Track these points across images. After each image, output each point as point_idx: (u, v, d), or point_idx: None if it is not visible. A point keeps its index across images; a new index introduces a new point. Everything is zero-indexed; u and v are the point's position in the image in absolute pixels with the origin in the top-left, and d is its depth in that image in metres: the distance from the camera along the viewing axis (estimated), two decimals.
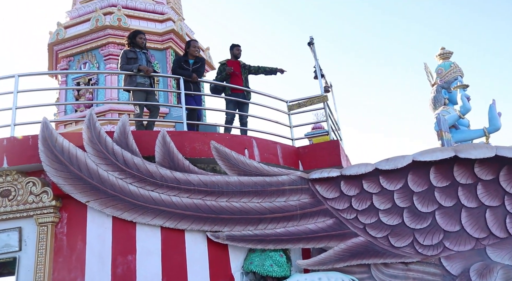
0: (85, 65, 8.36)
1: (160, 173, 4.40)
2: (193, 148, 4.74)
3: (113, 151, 4.37)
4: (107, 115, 7.42)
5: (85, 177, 4.30)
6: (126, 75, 5.48)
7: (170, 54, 8.40)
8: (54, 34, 8.59)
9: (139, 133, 4.73)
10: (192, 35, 9.45)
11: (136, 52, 5.57)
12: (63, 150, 4.33)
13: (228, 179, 4.50)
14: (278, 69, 6.55)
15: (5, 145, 4.50)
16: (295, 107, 5.98)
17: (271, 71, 6.53)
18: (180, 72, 5.68)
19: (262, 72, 6.52)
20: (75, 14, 8.90)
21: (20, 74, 4.85)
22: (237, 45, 6.58)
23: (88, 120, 4.43)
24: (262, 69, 6.51)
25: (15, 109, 4.70)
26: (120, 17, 8.15)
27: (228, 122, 6.12)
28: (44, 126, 4.37)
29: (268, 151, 5.27)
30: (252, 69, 6.48)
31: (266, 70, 6.52)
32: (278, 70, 6.55)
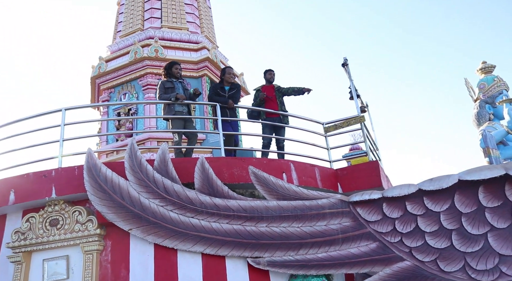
0: (125, 96, 8.69)
1: (200, 199, 4.43)
2: (231, 174, 4.77)
3: (153, 178, 4.46)
4: (147, 144, 7.64)
5: (128, 205, 4.39)
6: (164, 104, 5.65)
7: (205, 82, 8.61)
8: (96, 67, 9.02)
9: (178, 160, 4.82)
10: (226, 62, 9.67)
11: (172, 82, 5.75)
12: (107, 179, 4.46)
13: (267, 204, 4.47)
14: (304, 89, 6.52)
15: (53, 176, 4.70)
16: (331, 129, 5.92)
17: (299, 91, 6.52)
18: (217, 99, 5.80)
19: (292, 93, 6.54)
20: (115, 48, 9.34)
21: (67, 108, 5.10)
22: (270, 70, 6.66)
23: (130, 149, 4.57)
24: (291, 90, 6.52)
25: (62, 141, 4.93)
26: (157, 49, 8.47)
27: (265, 147, 6.13)
28: (88, 156, 4.54)
29: (306, 174, 5.22)
30: (284, 91, 6.52)
31: (295, 91, 6.52)
32: (305, 90, 6.52)
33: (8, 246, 4.60)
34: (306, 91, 6.51)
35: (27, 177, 4.81)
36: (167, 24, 9.43)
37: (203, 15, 10.30)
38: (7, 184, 4.84)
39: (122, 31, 9.68)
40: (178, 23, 9.54)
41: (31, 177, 4.80)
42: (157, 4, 9.78)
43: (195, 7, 10.30)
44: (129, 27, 9.62)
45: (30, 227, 4.64)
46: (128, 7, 9.99)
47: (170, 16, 9.60)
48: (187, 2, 10.09)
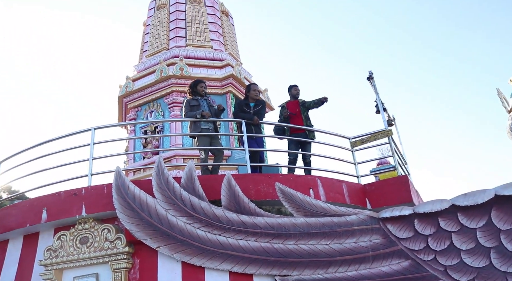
0: (151, 114, 8.85)
1: (227, 216, 4.41)
2: (258, 190, 4.74)
3: (180, 196, 4.48)
4: (173, 161, 7.71)
5: (155, 222, 4.42)
6: (190, 122, 5.71)
7: (230, 98, 8.68)
8: (124, 87, 9.24)
9: (205, 178, 4.84)
10: (250, 78, 9.74)
11: (198, 100, 5.82)
12: (135, 197, 4.50)
13: (294, 221, 4.41)
14: (322, 98, 6.43)
15: (83, 194, 4.79)
16: (358, 143, 5.84)
17: (319, 102, 6.44)
18: (242, 115, 5.82)
19: (313, 105, 6.48)
20: (141, 67, 9.57)
21: (96, 127, 5.22)
22: (295, 85, 6.66)
23: (157, 167, 4.61)
24: (313, 103, 6.46)
25: (91, 160, 5.03)
26: (182, 67, 8.63)
27: (291, 163, 6.09)
28: (117, 175, 4.61)
29: (333, 190, 5.14)
30: (307, 105, 6.48)
31: (315, 103, 6.46)
32: (322, 99, 6.42)
33: (41, 263, 4.69)
34: (324, 100, 6.43)
35: (59, 196, 4.92)
36: (191, 43, 9.62)
37: (226, 33, 10.46)
38: (40, 202, 4.96)
39: (148, 51, 9.92)
40: (202, 41, 9.71)
41: (62, 195, 4.90)
42: (182, 24, 10.01)
43: (219, 25, 10.48)
44: (154, 46, 9.86)
45: (62, 245, 4.71)
46: (153, 27, 10.25)
47: (195, 34, 9.79)
48: (210, 20, 10.28)
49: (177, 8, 10.28)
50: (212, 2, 10.83)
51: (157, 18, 10.31)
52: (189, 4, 10.35)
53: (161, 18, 10.23)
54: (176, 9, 10.27)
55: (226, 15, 11.05)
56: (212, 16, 10.44)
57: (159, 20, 10.23)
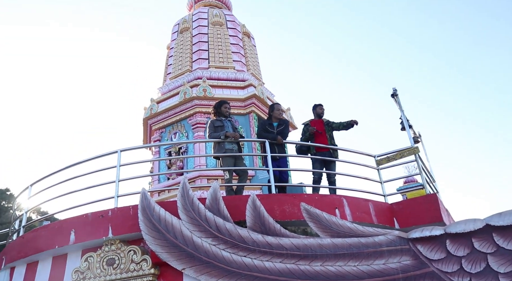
0: (175, 135, 8.97)
1: (252, 237, 4.36)
2: (283, 211, 4.69)
3: (205, 217, 4.47)
4: (197, 182, 7.75)
5: (181, 244, 4.41)
6: (214, 142, 5.75)
7: (253, 118, 8.72)
8: (148, 109, 9.42)
9: (229, 198, 4.82)
10: (272, 97, 9.78)
11: (222, 121, 5.87)
12: (160, 219, 4.52)
13: (321, 242, 4.32)
14: (352, 121, 6.40)
15: (110, 216, 4.84)
16: (384, 161, 5.73)
17: (348, 125, 6.42)
18: (265, 135, 5.82)
19: (342, 128, 6.45)
20: (165, 89, 9.76)
21: (122, 150, 5.31)
22: (319, 104, 6.64)
23: (182, 188, 4.63)
24: (342, 126, 6.44)
25: (118, 181, 5.10)
26: (206, 88, 8.75)
27: (316, 182, 6.02)
28: (143, 196, 4.65)
29: (360, 209, 5.04)
30: (334, 126, 6.45)
31: (344, 125, 6.44)
32: (352, 122, 6.39)
33: None
34: (354, 123, 6.40)
35: (86, 217, 4.99)
36: (214, 64, 9.78)
37: (248, 53, 10.60)
38: (68, 224, 5.04)
39: (172, 73, 10.13)
40: (225, 62, 9.86)
41: (90, 217, 4.97)
42: (205, 46, 10.21)
43: (241, 46, 10.64)
44: (178, 69, 10.06)
45: (89, 266, 4.75)
46: (177, 50, 10.49)
47: (217, 56, 9.96)
48: (232, 42, 10.46)
49: (200, 31, 10.51)
50: (234, 24, 11.03)
51: (180, 41, 10.56)
52: (211, 27, 10.57)
53: (184, 41, 10.47)
54: (198, 32, 10.50)
55: (248, 37, 11.22)
56: (234, 37, 10.61)
57: (182, 43, 10.47)
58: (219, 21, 10.70)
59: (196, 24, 10.75)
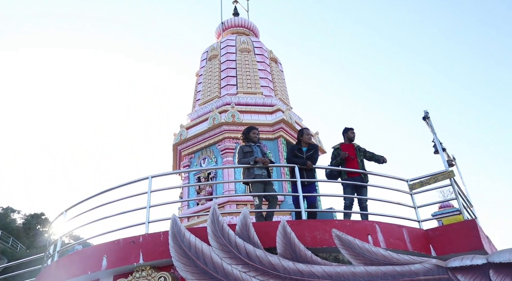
0: (204, 160, 9.04)
1: (283, 265, 4.29)
2: (313, 237, 4.60)
3: (236, 244, 4.43)
4: (226, 207, 7.73)
5: (211, 271, 4.37)
6: (244, 168, 5.75)
7: (281, 143, 8.71)
8: (178, 135, 9.58)
9: (259, 224, 4.78)
10: (300, 122, 9.78)
11: (251, 146, 5.89)
12: (190, 245, 4.51)
13: (354, 270, 4.20)
14: (381, 158, 6.37)
15: (141, 242, 4.88)
16: (417, 186, 5.57)
17: (378, 160, 6.40)
18: (295, 160, 5.79)
19: (373, 160, 6.43)
20: (195, 115, 9.92)
21: (153, 176, 5.39)
22: (351, 128, 6.58)
23: (212, 214, 4.63)
24: (375, 158, 6.40)
25: (148, 207, 5.15)
26: (234, 114, 8.84)
27: (347, 208, 5.90)
28: (173, 222, 4.67)
29: (393, 236, 4.88)
30: (368, 155, 6.38)
31: (376, 158, 6.40)
32: (381, 160, 6.38)
33: None
34: (383, 161, 6.38)
35: (118, 243, 5.04)
36: (242, 90, 9.91)
37: (276, 79, 10.71)
38: (100, 250, 5.11)
39: (201, 100, 10.32)
40: (253, 88, 9.98)
41: (121, 243, 5.02)
42: (233, 72, 10.39)
43: (268, 72, 10.77)
44: (207, 95, 10.25)
45: None
46: (206, 77, 10.72)
47: (245, 82, 10.10)
48: (260, 68, 10.60)
49: (228, 58, 10.73)
50: (261, 50, 11.21)
51: (209, 68, 10.80)
52: (239, 53, 10.78)
53: (212, 68, 10.70)
54: (227, 59, 10.72)
55: (275, 62, 11.36)
56: (261, 63, 10.77)
57: (211, 70, 10.69)
58: (247, 47, 10.91)
59: (224, 51, 10.99)
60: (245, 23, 12.61)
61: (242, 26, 12.51)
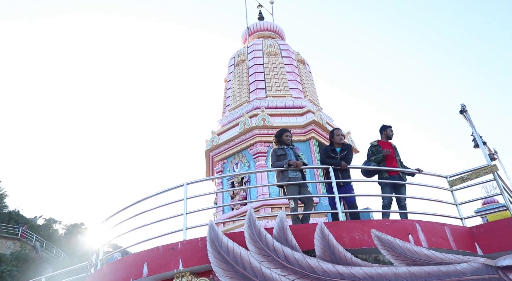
0: (237, 165, 9.08)
1: (322, 267, 4.23)
2: (352, 238, 4.51)
3: (273, 247, 4.41)
4: (261, 211, 7.72)
5: (250, 275, 4.36)
6: (278, 171, 5.73)
7: (313, 144, 8.64)
8: (210, 141, 9.67)
9: (296, 227, 4.74)
10: (331, 122, 9.67)
11: (284, 149, 5.86)
12: (228, 250, 4.53)
13: (396, 270, 4.09)
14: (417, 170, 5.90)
15: (180, 248, 4.93)
16: (458, 182, 5.38)
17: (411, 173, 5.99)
18: (329, 161, 5.71)
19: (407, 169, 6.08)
20: (225, 121, 9.99)
21: (188, 183, 5.45)
22: (389, 126, 6.42)
23: (248, 219, 4.63)
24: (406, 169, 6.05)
25: (185, 214, 5.21)
26: (264, 117, 8.85)
27: (386, 207, 5.75)
28: (210, 228, 4.70)
29: (435, 235, 4.71)
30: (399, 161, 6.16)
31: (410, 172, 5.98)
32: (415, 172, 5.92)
33: None
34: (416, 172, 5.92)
35: (157, 250, 5.12)
36: (271, 93, 9.90)
37: (304, 80, 10.65)
38: (141, 257, 5.20)
39: (231, 105, 10.39)
40: (282, 91, 9.95)
41: (161, 250, 5.09)
42: (261, 76, 10.41)
43: (296, 73, 10.72)
44: (236, 100, 10.31)
45: None
46: (234, 82, 10.79)
47: (274, 85, 10.09)
48: (288, 70, 10.58)
49: (255, 62, 10.76)
50: (288, 52, 11.18)
51: (237, 74, 10.86)
52: (266, 57, 10.79)
53: (240, 73, 10.76)
54: (254, 63, 10.76)
55: (303, 63, 11.30)
56: (289, 66, 10.74)
57: (239, 75, 10.76)
58: (274, 51, 10.91)
59: (251, 56, 11.03)
60: (271, 27, 12.63)
61: (267, 30, 12.54)
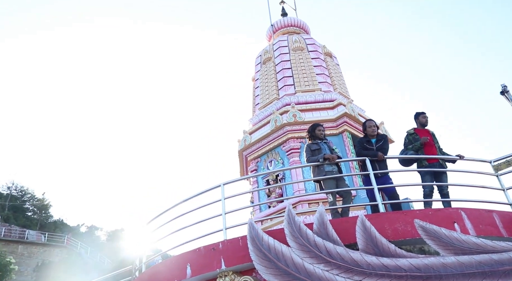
0: (271, 163, 9.07)
1: (366, 260, 4.15)
2: (395, 230, 4.41)
3: (315, 243, 4.37)
4: (298, 207, 7.68)
5: (293, 272, 4.34)
6: (313, 166, 5.68)
7: (346, 137, 8.52)
8: (242, 141, 9.72)
9: (337, 221, 4.68)
10: (363, 113, 9.51)
11: (318, 144, 5.80)
12: (270, 247, 4.52)
13: (443, 261, 3.96)
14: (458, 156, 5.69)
15: (221, 248, 4.97)
16: (503, 166, 5.15)
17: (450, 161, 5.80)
18: (365, 153, 5.60)
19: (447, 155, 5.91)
20: (256, 119, 10.01)
21: (225, 183, 5.49)
22: (422, 113, 6.23)
23: (288, 215, 4.61)
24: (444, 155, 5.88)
25: (224, 214, 5.25)
26: (295, 113, 8.80)
27: (427, 196, 5.58)
28: (250, 227, 4.71)
29: (483, 222, 4.54)
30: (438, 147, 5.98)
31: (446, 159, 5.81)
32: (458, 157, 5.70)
33: None
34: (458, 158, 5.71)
35: (199, 251, 5.18)
36: (300, 89, 9.84)
37: (332, 73, 10.51)
38: (184, 258, 5.28)
39: (260, 103, 10.38)
40: (311, 85, 9.87)
41: (202, 250, 5.15)
42: (289, 72, 10.36)
43: (324, 67, 10.60)
44: (266, 98, 10.30)
45: None
46: (262, 80, 10.78)
47: (302, 80, 10.02)
48: (315, 64, 10.47)
49: (282, 58, 10.72)
50: (314, 46, 11.07)
51: (264, 72, 10.85)
52: (292, 53, 10.73)
53: (268, 70, 10.74)
54: (281, 60, 10.71)
55: (330, 56, 11.16)
56: (316, 60, 10.63)
57: (266, 73, 10.74)
58: (300, 46, 10.83)
59: (277, 52, 10.99)
60: (295, 22, 12.54)
61: (292, 25, 12.46)
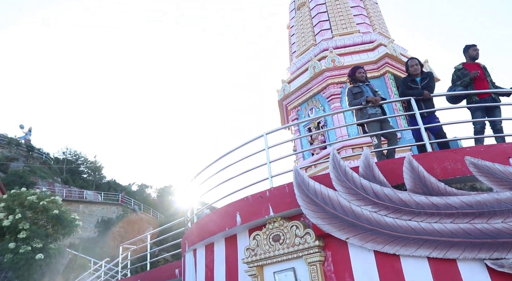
0: (312, 110, 9.00)
1: (415, 200, 4.13)
2: (444, 168, 4.32)
3: (361, 185, 4.38)
4: (342, 153, 7.66)
5: (341, 214, 4.42)
6: (356, 110, 5.57)
7: (388, 78, 8.24)
8: (281, 90, 9.64)
9: (382, 163, 4.64)
10: (406, 53, 9.09)
11: (360, 87, 5.65)
12: (316, 192, 4.59)
13: (497, 196, 3.86)
14: None
15: (268, 196, 5.11)
16: None
17: (504, 94, 5.49)
18: (410, 93, 5.40)
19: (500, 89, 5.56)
20: (294, 68, 9.83)
21: (267, 132, 5.54)
22: (473, 45, 5.83)
23: (332, 160, 4.62)
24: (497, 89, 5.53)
25: (269, 163, 5.34)
26: (334, 58, 8.55)
27: (478, 133, 5.36)
28: (296, 173, 4.78)
29: None
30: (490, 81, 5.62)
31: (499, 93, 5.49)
32: None
33: (244, 261, 5.17)
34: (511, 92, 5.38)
35: (247, 200, 5.36)
36: (337, 32, 9.48)
37: (371, 12, 10.00)
38: (233, 207, 5.49)
39: (297, 51, 10.15)
40: (348, 28, 9.48)
41: (250, 199, 5.32)
42: (324, 16, 9.96)
43: (362, 7, 10.10)
44: (302, 45, 10.03)
45: (257, 244, 5.11)
46: (297, 27, 10.45)
47: (339, 23, 9.63)
48: (352, 5, 9.99)
49: (317, 2, 10.29)
50: None
51: (299, 18, 10.49)
52: None
53: (303, 16, 10.37)
54: (316, 4, 10.29)
55: None
56: (353, 0, 10.11)
57: (301, 19, 10.39)
58: None
59: None
60: None
61: None
